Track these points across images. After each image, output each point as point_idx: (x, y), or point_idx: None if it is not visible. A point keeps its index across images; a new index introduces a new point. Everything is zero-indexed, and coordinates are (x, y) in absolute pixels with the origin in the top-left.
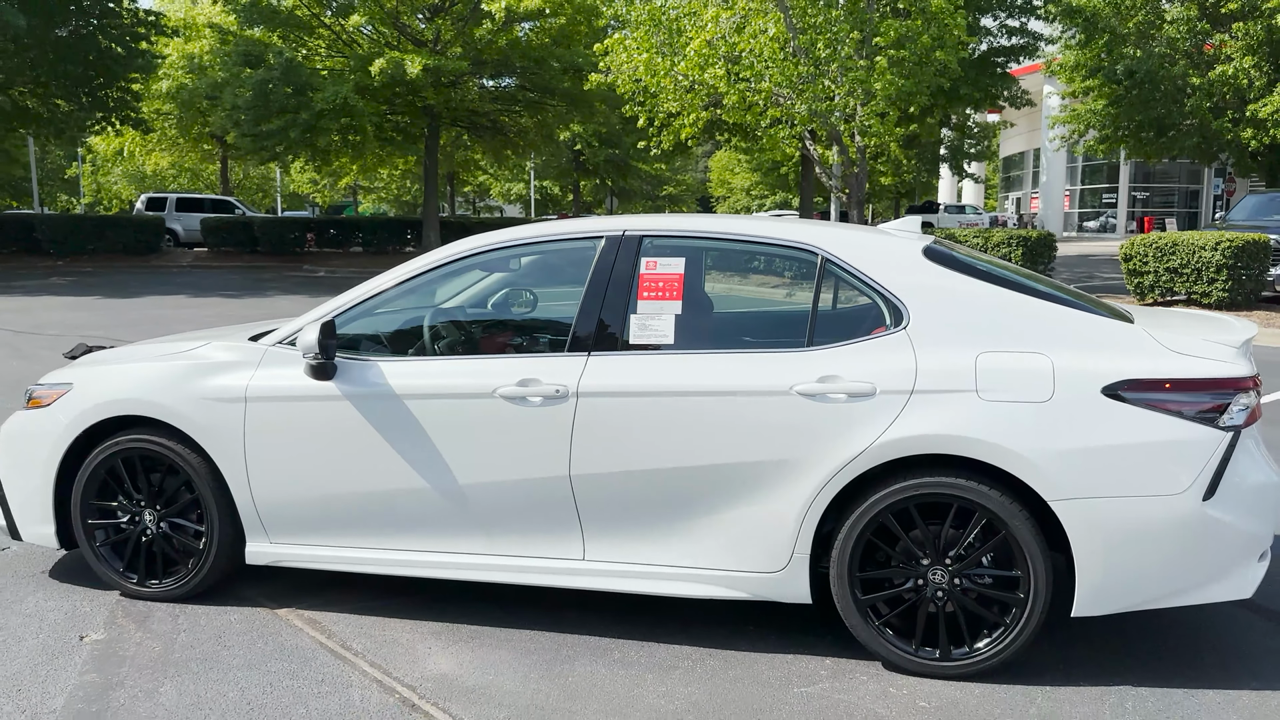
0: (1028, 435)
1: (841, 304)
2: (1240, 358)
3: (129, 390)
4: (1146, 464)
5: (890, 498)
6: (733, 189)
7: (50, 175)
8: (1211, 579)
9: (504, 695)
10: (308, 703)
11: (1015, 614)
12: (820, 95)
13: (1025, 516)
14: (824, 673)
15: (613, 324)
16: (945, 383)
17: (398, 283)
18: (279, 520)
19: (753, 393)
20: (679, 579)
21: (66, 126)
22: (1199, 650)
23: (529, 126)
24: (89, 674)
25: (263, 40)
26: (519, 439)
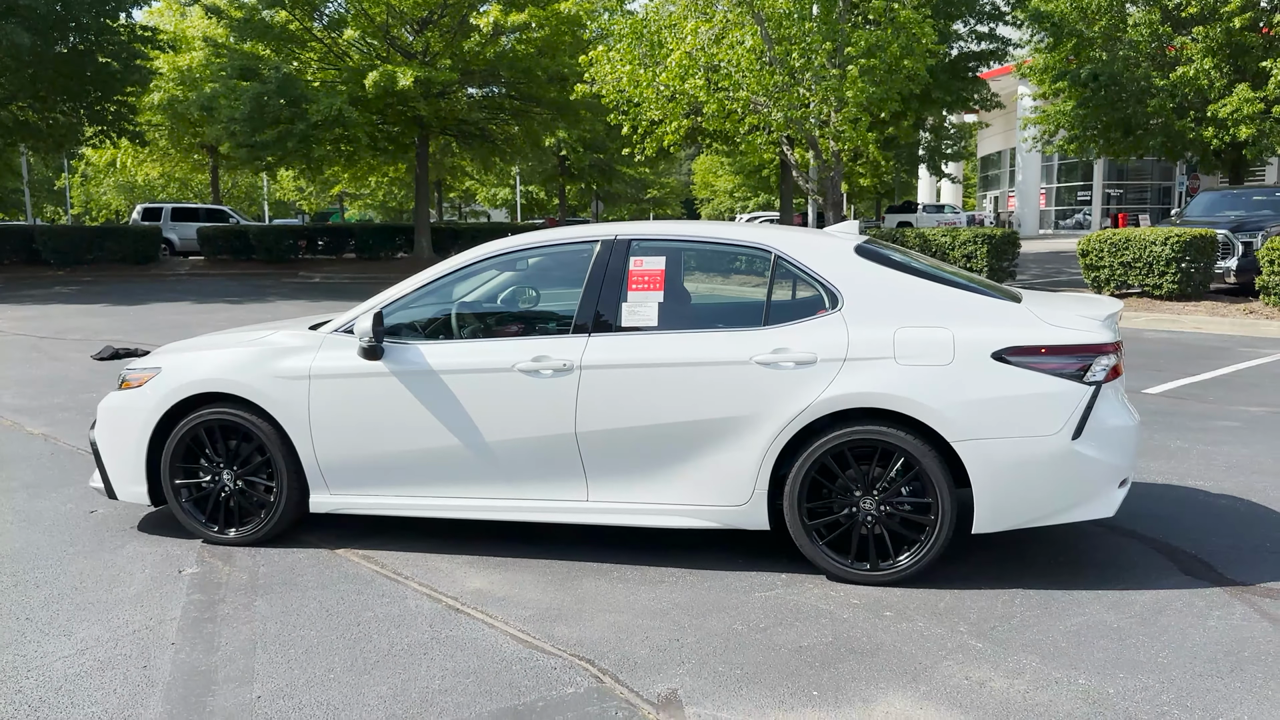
0: (934, 391)
1: (791, 292)
2: (1103, 328)
3: (212, 371)
4: (1027, 411)
5: (829, 443)
6: (716, 191)
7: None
8: (1081, 501)
9: (528, 601)
10: (374, 608)
11: (928, 533)
12: (795, 103)
13: (934, 456)
14: (779, 583)
15: (608, 310)
16: (871, 352)
17: (432, 280)
18: (337, 475)
19: (721, 363)
20: (664, 513)
21: (65, 140)
22: (1079, 563)
23: (516, 134)
24: (194, 594)
25: (256, 53)
26: (533, 404)
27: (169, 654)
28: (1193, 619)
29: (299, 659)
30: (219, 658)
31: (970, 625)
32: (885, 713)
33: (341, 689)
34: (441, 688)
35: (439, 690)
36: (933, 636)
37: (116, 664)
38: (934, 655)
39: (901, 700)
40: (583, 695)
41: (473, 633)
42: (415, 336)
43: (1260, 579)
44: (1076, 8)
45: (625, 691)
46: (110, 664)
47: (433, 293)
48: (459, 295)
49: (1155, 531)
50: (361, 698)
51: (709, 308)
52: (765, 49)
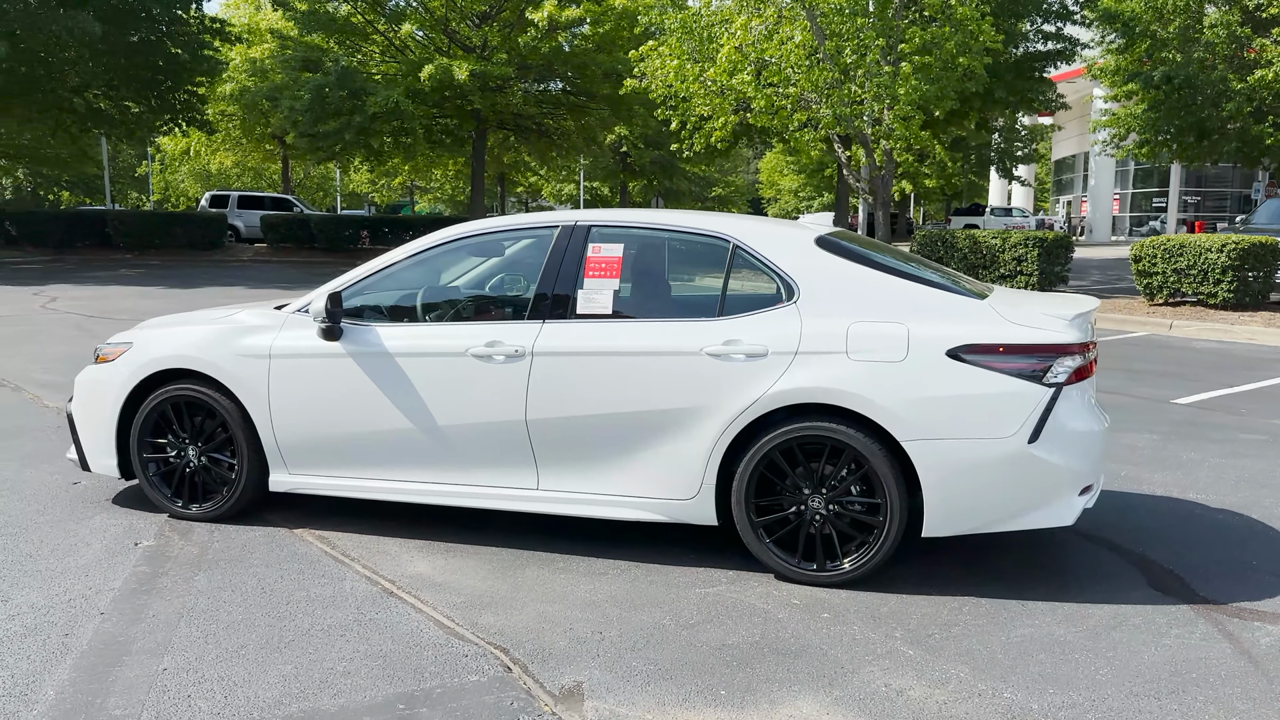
0: (885, 388)
1: (748, 282)
2: (1070, 328)
3: (178, 348)
4: (981, 412)
5: (778, 439)
6: (780, 191)
7: (122, 173)
8: (1037, 507)
9: (464, 588)
10: (309, 588)
11: (876, 534)
12: (845, 100)
13: (884, 455)
14: (724, 579)
15: (563, 297)
16: (822, 345)
17: (393, 262)
18: (296, 455)
19: (672, 353)
20: (613, 504)
21: (136, 127)
22: (1043, 572)
23: (571, 129)
24: (141, 566)
25: (320, 46)
26: (485, 390)
27: (94, 624)
28: (1148, 636)
29: (217, 634)
30: (140, 629)
31: (908, 631)
32: (789, 715)
33: (247, 665)
34: (345, 669)
35: (341, 672)
36: (864, 641)
37: (40, 631)
38: (859, 660)
39: (810, 704)
40: (485, 684)
41: (398, 617)
42: (378, 318)
43: (1234, 598)
44: (1150, 8)
45: (529, 682)
46: (34, 630)
47: (393, 275)
48: (419, 278)
49: (1135, 543)
50: (264, 675)
51: (665, 297)
52: (816, 44)
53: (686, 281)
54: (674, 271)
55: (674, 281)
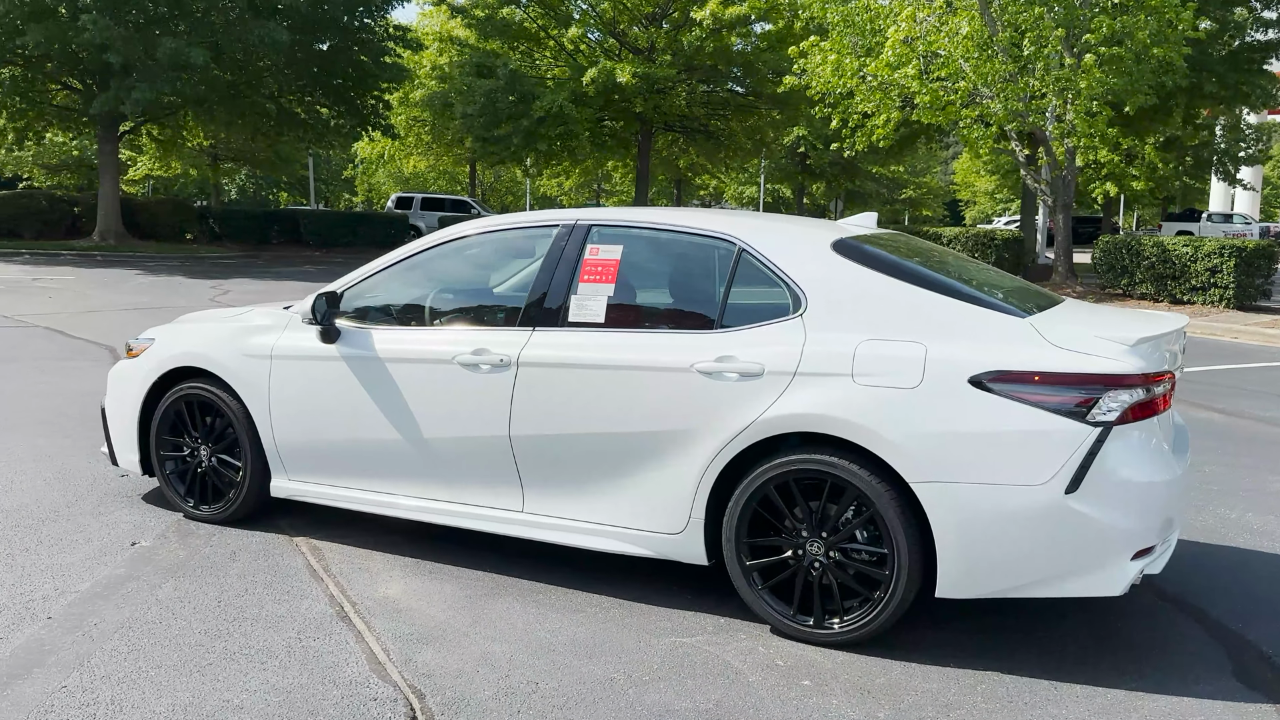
0: (892, 418)
1: (755, 290)
2: (1130, 355)
3: (191, 346)
4: (1008, 453)
5: (772, 471)
6: (976, 193)
7: (334, 176)
8: (1077, 572)
9: (423, 617)
10: (264, 605)
11: (882, 589)
12: (1022, 94)
13: (892, 497)
14: (710, 628)
15: (556, 303)
16: (825, 366)
17: (394, 262)
18: (293, 459)
19: (661, 369)
20: (598, 534)
21: (326, 132)
22: (1091, 642)
23: (737, 131)
24: (119, 569)
25: (495, 51)
26: (471, 401)
27: (33, 629)
28: None
29: (144, 650)
30: (72, 639)
31: (895, 712)
32: None
33: (147, 689)
34: (240, 704)
35: (234, 706)
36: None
37: None
38: None
39: None
40: None
41: (334, 646)
42: (374, 320)
43: None
44: None
45: None
46: None
47: (394, 276)
48: (419, 279)
49: (1233, 617)
50: (156, 701)
51: (663, 305)
52: (987, 35)
53: (688, 288)
54: (676, 276)
55: (675, 288)
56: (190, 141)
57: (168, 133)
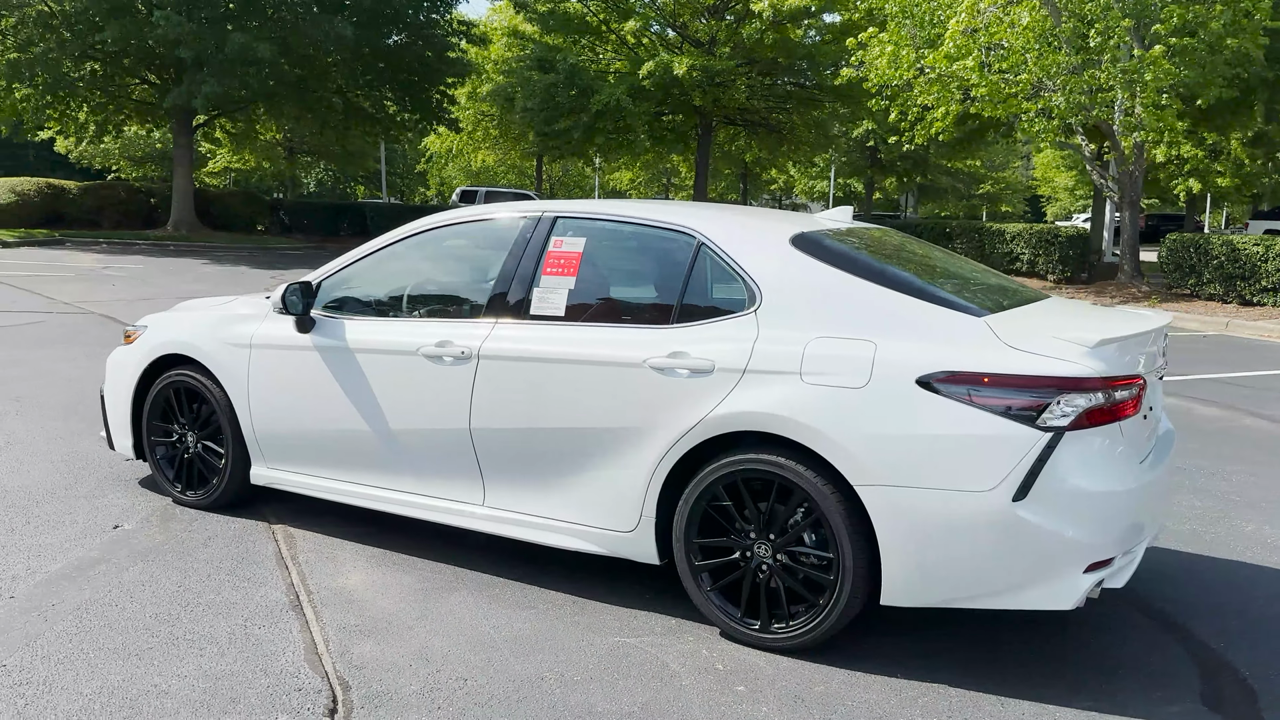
0: (838, 419)
1: (712, 284)
2: (1090, 357)
3: (178, 334)
4: (954, 457)
5: (720, 471)
6: (1055, 188)
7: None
8: (1026, 584)
9: (372, 609)
10: (222, 592)
11: (827, 595)
12: (1086, 87)
13: (837, 500)
14: (659, 629)
15: (520, 295)
16: (774, 364)
17: (369, 252)
18: (270, 447)
19: (614, 364)
20: (553, 530)
21: (392, 126)
22: (1050, 656)
23: (798, 124)
24: (93, 551)
25: (557, 45)
26: (434, 393)
27: None
28: None
29: (93, 632)
30: (24, 620)
31: None
32: None
33: (81, 672)
34: (167, 689)
35: (160, 691)
36: None
37: None
38: None
39: None
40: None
41: (277, 635)
42: (348, 311)
43: None
44: None
45: None
46: None
47: (369, 266)
48: (393, 269)
49: (1214, 634)
50: (88, 683)
51: (623, 298)
52: (1049, 25)
53: (648, 282)
54: (637, 270)
55: (635, 281)
56: (264, 135)
57: (240, 126)
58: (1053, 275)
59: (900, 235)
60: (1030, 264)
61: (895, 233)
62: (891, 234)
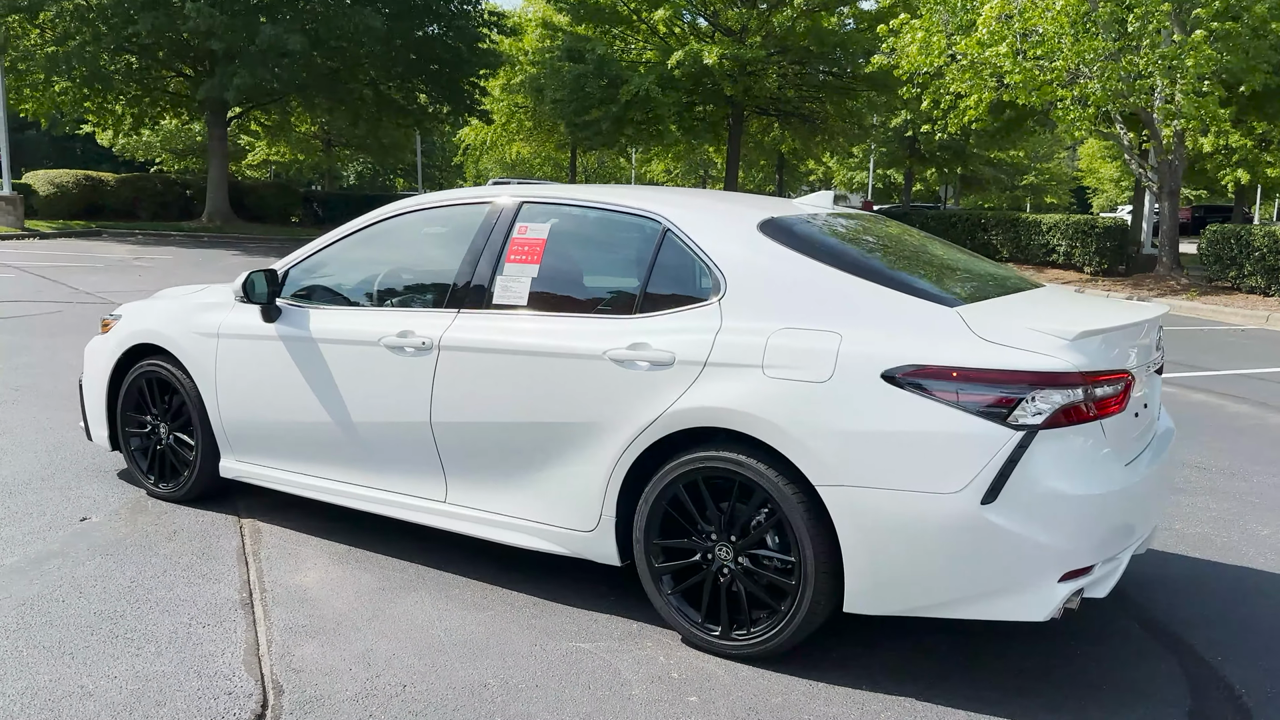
0: (800, 415)
1: (676, 273)
2: (1069, 350)
3: (149, 324)
4: (921, 457)
5: (680, 469)
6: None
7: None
8: (996, 592)
9: (325, 608)
10: (175, 588)
11: (789, 600)
12: (1124, 73)
13: (799, 500)
14: (618, 634)
15: (482, 283)
16: (736, 356)
17: (335, 240)
18: (238, 439)
19: (575, 355)
20: (514, 529)
21: (424, 118)
22: (1029, 672)
23: (831, 113)
24: (54, 544)
25: (587, 35)
26: (395, 384)
27: None
28: None
29: (33, 628)
30: None
31: None
32: None
33: (15, 668)
34: (92, 690)
35: (86, 693)
36: None
37: None
38: None
39: None
40: None
41: (220, 635)
42: (313, 300)
43: None
44: None
45: None
46: None
47: (335, 254)
48: (360, 257)
49: (1214, 647)
50: (15, 680)
51: (587, 287)
52: (1086, 10)
53: (612, 269)
54: (601, 257)
55: (599, 269)
56: (299, 128)
57: (274, 119)
58: (1089, 267)
59: (895, 224)
60: (1067, 256)
61: (887, 221)
62: (881, 222)
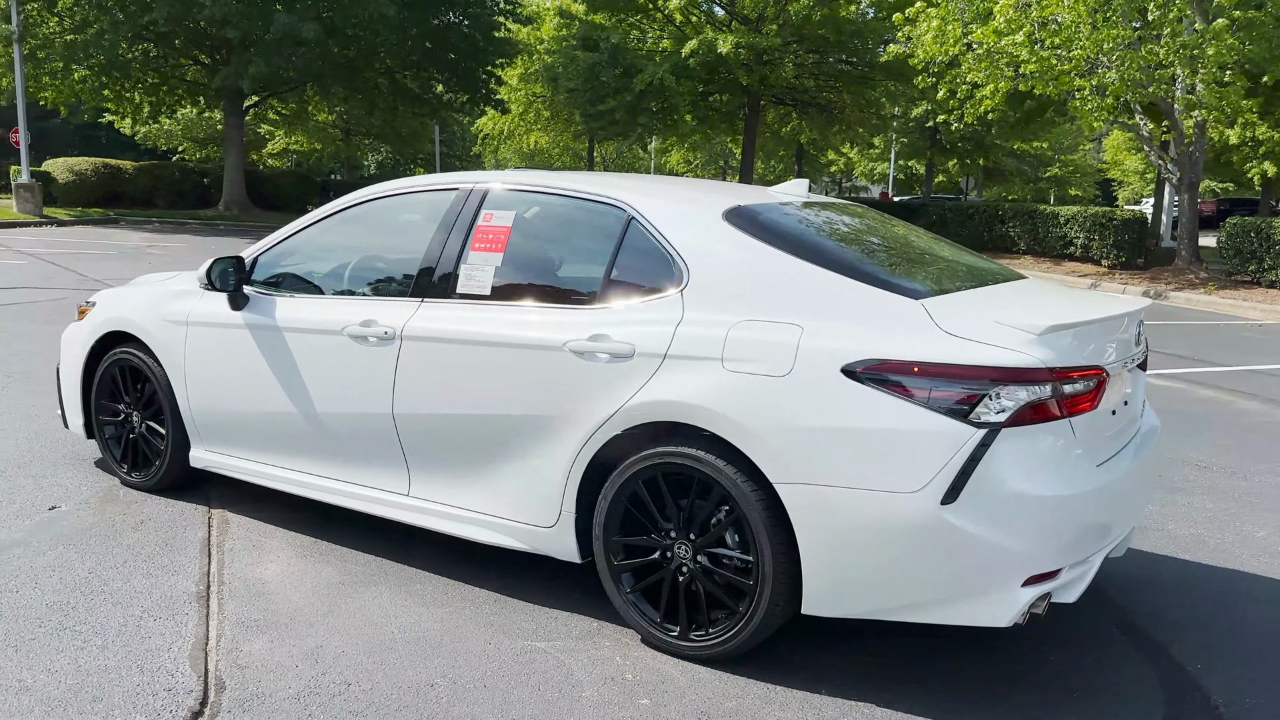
0: (759, 410)
1: (640, 262)
2: (1036, 345)
3: (121, 311)
4: (880, 454)
5: (639, 465)
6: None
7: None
8: (957, 596)
9: (281, 602)
10: (131, 580)
11: (747, 601)
12: (1144, 63)
13: (758, 498)
14: (577, 633)
15: (447, 272)
16: (696, 349)
17: (304, 226)
18: (207, 429)
19: (535, 347)
20: (476, 524)
21: (439, 106)
22: (1006, 677)
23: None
24: (18, 533)
25: (601, 24)
26: (358, 375)
27: None
28: None
29: None
30: None
31: None
32: None
33: None
34: (32, 684)
35: (25, 686)
36: None
37: None
38: None
39: None
40: None
41: (169, 628)
42: (281, 288)
43: None
44: None
45: None
46: None
47: (303, 241)
48: (328, 244)
49: (1195, 654)
50: None
51: (550, 276)
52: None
53: (577, 258)
54: (566, 245)
55: (564, 257)
56: (317, 116)
57: (291, 107)
58: (1107, 260)
59: (875, 215)
60: (1084, 248)
61: (866, 210)
62: (858, 211)
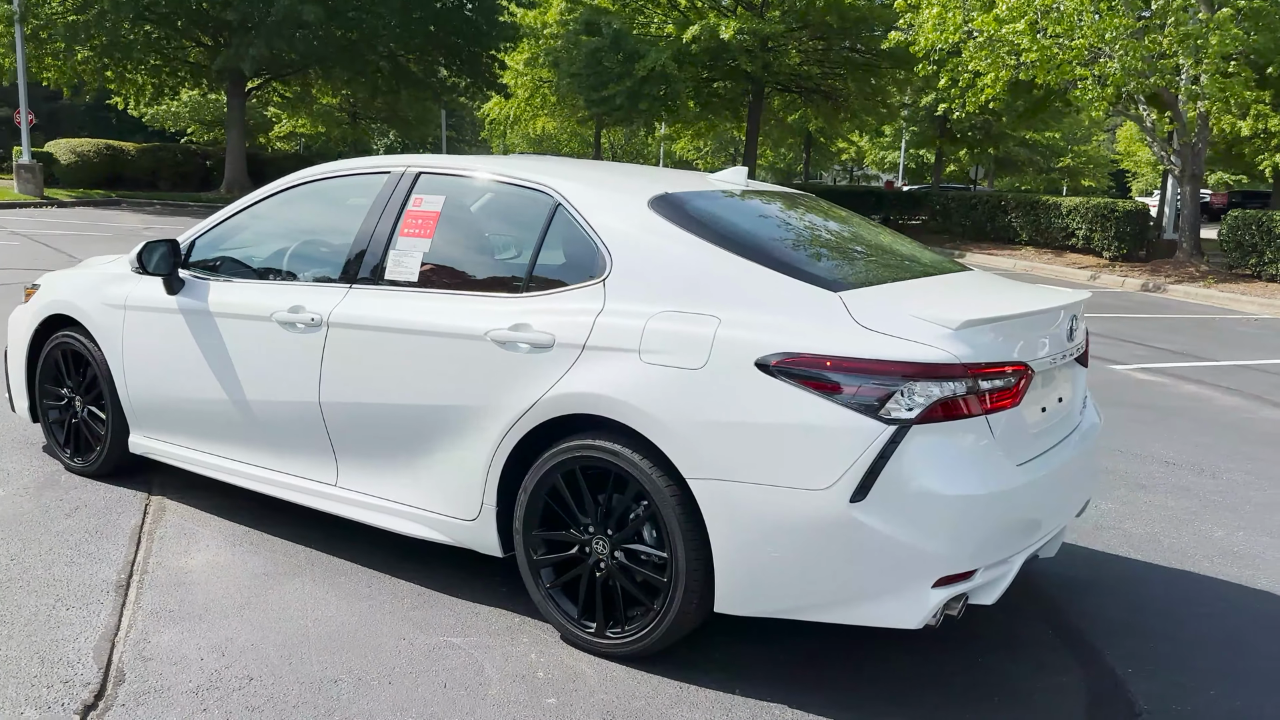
0: (672, 403)
1: (567, 248)
2: (952, 340)
3: (62, 294)
4: (791, 450)
5: (557, 458)
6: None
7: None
8: (866, 597)
9: (200, 593)
10: (54, 568)
11: (661, 598)
12: (1147, 53)
13: (672, 493)
14: (496, 629)
15: (376, 258)
16: (614, 340)
17: (236, 211)
18: (144, 415)
19: (458, 335)
20: (401, 516)
21: (443, 90)
22: (930, 680)
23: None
24: None
25: (605, 9)
26: (286, 362)
27: None
28: None
29: None
30: None
31: None
32: None
33: None
34: None
35: None
36: None
37: None
38: None
39: None
40: None
41: (80, 618)
42: (217, 272)
43: None
44: None
45: None
46: None
47: (237, 225)
48: (264, 228)
49: (1130, 659)
50: None
51: (477, 264)
52: None
53: (504, 245)
54: (494, 231)
55: (491, 244)
56: (321, 99)
57: (295, 90)
58: (1108, 252)
59: (822, 205)
60: (1086, 240)
61: (812, 199)
62: (801, 200)
